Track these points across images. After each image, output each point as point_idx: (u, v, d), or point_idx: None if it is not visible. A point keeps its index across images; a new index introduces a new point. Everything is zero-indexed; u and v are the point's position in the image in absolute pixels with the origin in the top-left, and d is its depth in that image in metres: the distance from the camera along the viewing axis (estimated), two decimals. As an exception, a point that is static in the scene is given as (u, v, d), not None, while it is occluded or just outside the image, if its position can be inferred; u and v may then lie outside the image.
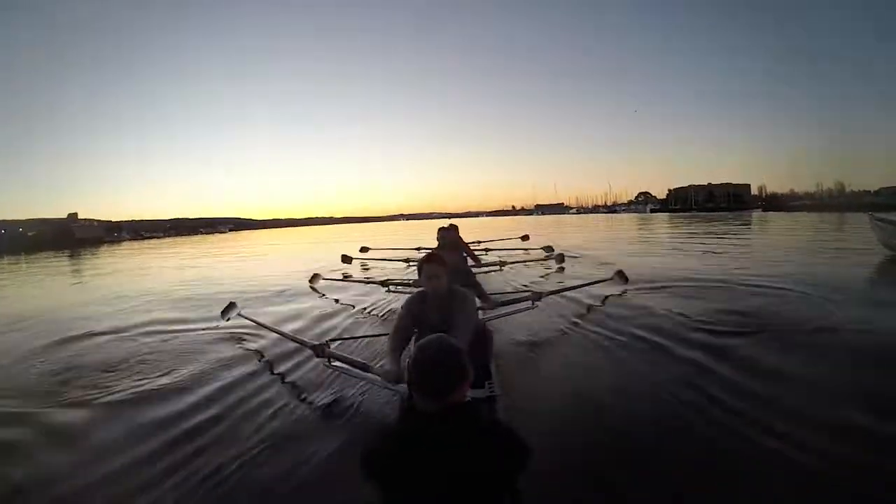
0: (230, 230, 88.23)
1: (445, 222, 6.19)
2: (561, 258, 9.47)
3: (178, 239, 55.11)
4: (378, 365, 2.87)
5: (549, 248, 10.87)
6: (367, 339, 4.31)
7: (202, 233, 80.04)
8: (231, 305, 5.54)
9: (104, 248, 37.91)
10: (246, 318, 4.98)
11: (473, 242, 11.75)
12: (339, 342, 3.84)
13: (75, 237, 59.83)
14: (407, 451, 1.16)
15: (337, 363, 3.18)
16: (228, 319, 5.31)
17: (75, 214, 79.86)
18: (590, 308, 5.35)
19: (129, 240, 63.88)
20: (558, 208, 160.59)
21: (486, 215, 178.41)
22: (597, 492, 2.05)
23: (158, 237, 67.58)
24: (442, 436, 1.15)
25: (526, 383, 3.26)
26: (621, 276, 6.46)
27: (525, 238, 14.26)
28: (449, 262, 2.71)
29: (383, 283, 6.67)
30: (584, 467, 2.22)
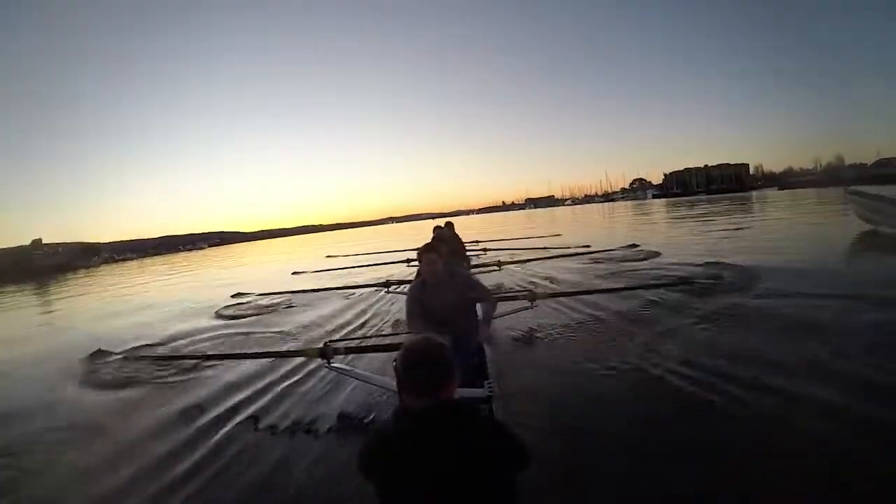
0: (209, 246, 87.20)
1: (439, 222, 6.77)
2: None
3: (156, 259, 54.73)
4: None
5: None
6: (369, 339, 4.40)
7: (181, 250, 79.49)
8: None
9: (61, 277, 36.24)
10: (232, 357, 4.81)
11: (472, 242, 11.77)
12: (341, 344, 3.80)
13: (35, 266, 57.68)
14: (401, 450, 1.17)
15: (337, 364, 3.28)
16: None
17: (39, 241, 76.97)
18: (588, 308, 5.30)
19: (102, 263, 62.27)
20: (550, 201, 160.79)
21: (476, 213, 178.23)
22: (596, 490, 2.09)
23: (131, 259, 66.07)
24: (433, 434, 1.16)
25: (524, 383, 3.31)
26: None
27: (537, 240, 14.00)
28: (441, 249, 2.92)
29: (385, 284, 6.84)
30: (583, 466, 2.27)
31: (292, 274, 12.07)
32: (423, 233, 20.66)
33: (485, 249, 11.72)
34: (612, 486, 2.11)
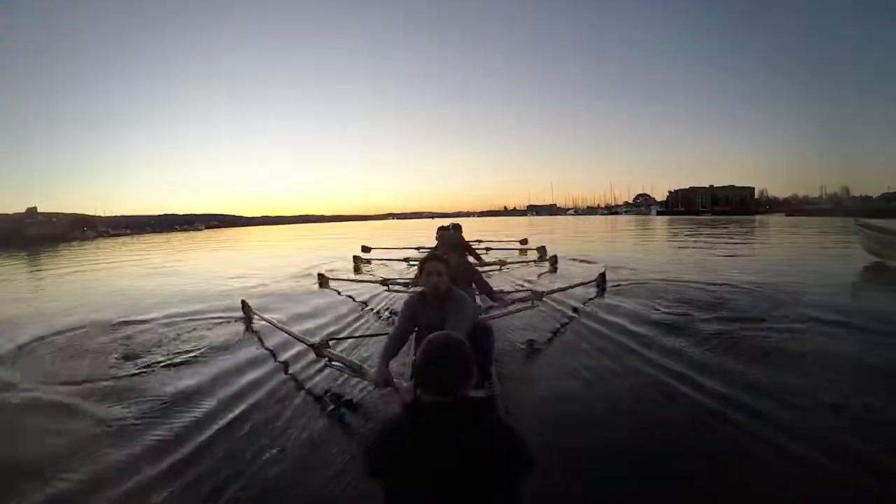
0: (206, 228, 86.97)
1: (442, 222, 6.32)
2: (554, 259, 9.68)
3: (151, 236, 54.68)
4: (372, 369, 2.94)
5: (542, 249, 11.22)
6: (366, 338, 4.42)
7: (177, 230, 79.67)
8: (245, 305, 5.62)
9: (51, 248, 35.54)
10: (251, 311, 5.37)
11: (474, 241, 11.80)
12: (339, 340, 3.90)
13: (27, 234, 57.08)
14: (411, 445, 1.17)
15: (336, 361, 3.35)
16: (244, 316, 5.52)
17: (34, 209, 76.15)
18: (589, 308, 5.39)
19: (97, 237, 61.94)
20: (552, 209, 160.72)
21: (477, 216, 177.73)
22: (597, 491, 2.08)
23: (126, 235, 65.72)
24: (446, 429, 1.16)
25: (525, 383, 3.31)
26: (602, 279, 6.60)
27: (524, 242, 14.24)
28: (451, 261, 2.87)
29: (383, 283, 6.84)
30: (584, 466, 2.26)
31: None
32: (427, 231, 20.36)
33: (487, 249, 11.89)
34: (615, 489, 2.10)
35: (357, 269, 10.40)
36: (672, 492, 2.07)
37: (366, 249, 12.58)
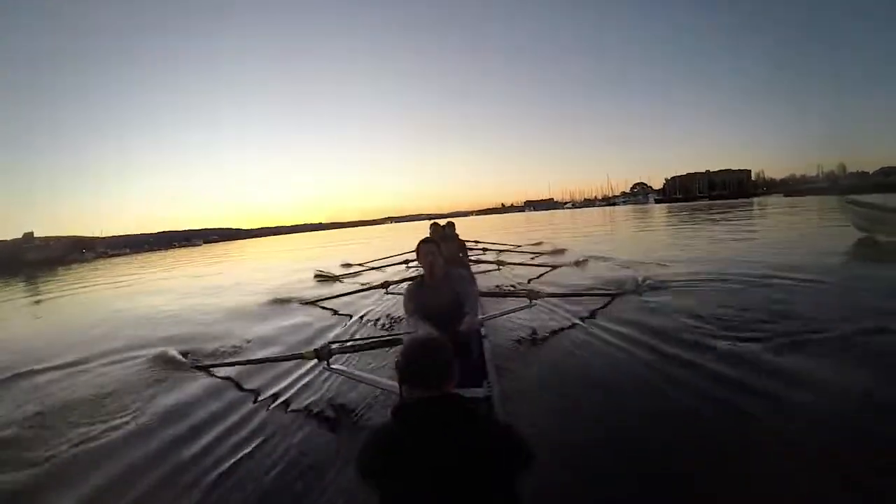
0: (205, 243, 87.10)
1: (439, 222, 6.66)
2: (583, 263, 9.09)
3: (150, 255, 54.94)
4: (404, 332, 3.14)
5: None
6: (368, 341, 4.34)
7: (175, 247, 79.88)
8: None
9: (49, 272, 35.45)
10: (225, 364, 4.37)
11: (472, 242, 11.88)
12: (339, 344, 3.87)
13: (25, 259, 57.02)
14: (400, 442, 1.18)
15: (338, 366, 3.31)
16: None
17: (31, 234, 76.18)
18: (588, 308, 5.26)
19: (95, 259, 62.08)
20: (550, 204, 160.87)
21: (475, 214, 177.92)
22: (596, 490, 2.09)
23: (125, 254, 65.85)
24: (434, 423, 1.18)
25: (523, 382, 3.29)
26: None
27: (537, 244, 14.07)
28: (442, 250, 2.95)
29: (382, 286, 6.84)
30: (582, 465, 2.27)
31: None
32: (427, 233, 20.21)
33: (484, 249, 11.85)
34: (615, 487, 2.11)
35: (352, 276, 10.30)
36: (672, 489, 2.06)
37: (346, 266, 11.97)
